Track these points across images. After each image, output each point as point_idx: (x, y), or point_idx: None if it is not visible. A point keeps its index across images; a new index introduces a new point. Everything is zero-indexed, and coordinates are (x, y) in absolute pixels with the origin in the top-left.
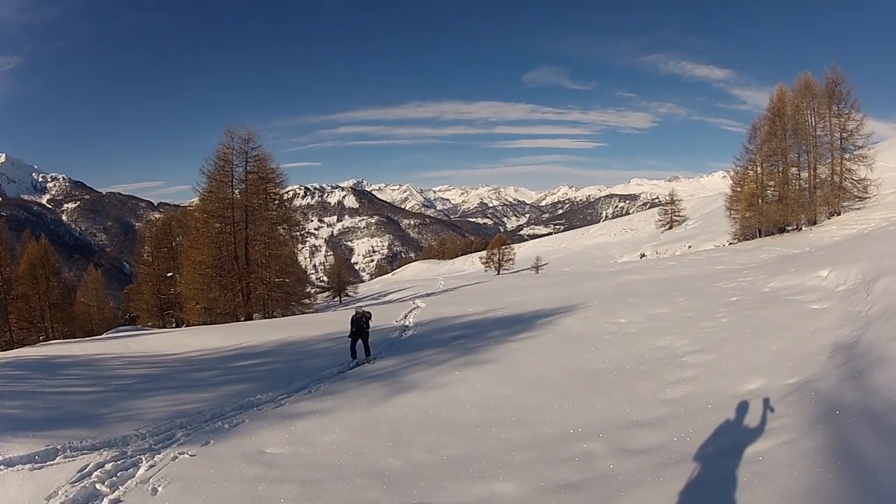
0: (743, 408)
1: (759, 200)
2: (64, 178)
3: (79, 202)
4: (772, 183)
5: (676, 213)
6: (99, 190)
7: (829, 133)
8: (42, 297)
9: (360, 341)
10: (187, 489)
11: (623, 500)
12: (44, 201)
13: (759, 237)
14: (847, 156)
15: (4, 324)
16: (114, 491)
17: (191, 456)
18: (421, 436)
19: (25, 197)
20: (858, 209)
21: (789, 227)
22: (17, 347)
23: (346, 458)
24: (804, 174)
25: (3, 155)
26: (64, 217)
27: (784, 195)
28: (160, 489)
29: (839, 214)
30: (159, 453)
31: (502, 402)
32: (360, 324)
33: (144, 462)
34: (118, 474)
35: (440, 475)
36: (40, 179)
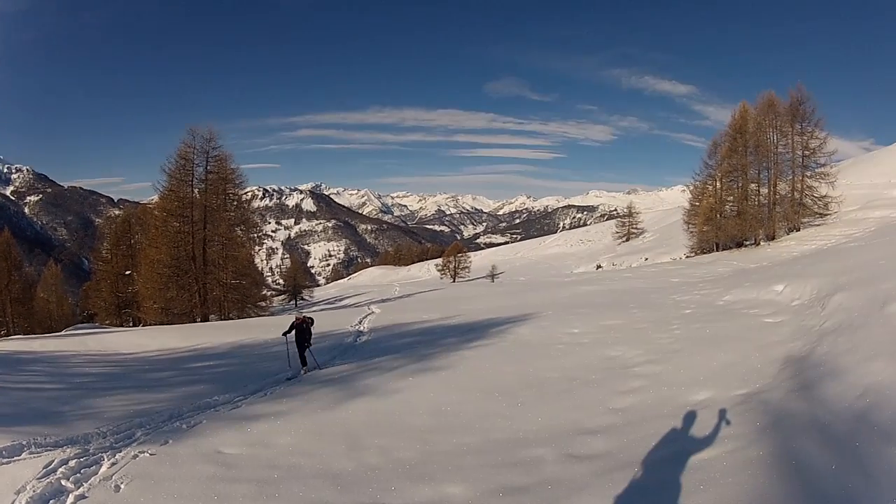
0: (690, 417)
1: (718, 215)
2: (28, 170)
3: (41, 195)
4: (731, 198)
5: (634, 226)
6: (61, 183)
7: (791, 150)
8: (4, 292)
9: (301, 348)
10: (148, 487)
11: (570, 503)
12: (7, 193)
13: (717, 251)
14: (809, 173)
15: None
16: (78, 487)
17: (151, 455)
18: (374, 439)
19: None
20: (818, 225)
21: (747, 242)
22: None
23: (301, 459)
24: (764, 190)
25: None
26: (26, 210)
27: (743, 210)
28: (122, 486)
29: (798, 230)
30: (120, 451)
31: (454, 409)
32: (303, 328)
33: (106, 460)
34: (82, 471)
35: (392, 477)
36: (5, 170)
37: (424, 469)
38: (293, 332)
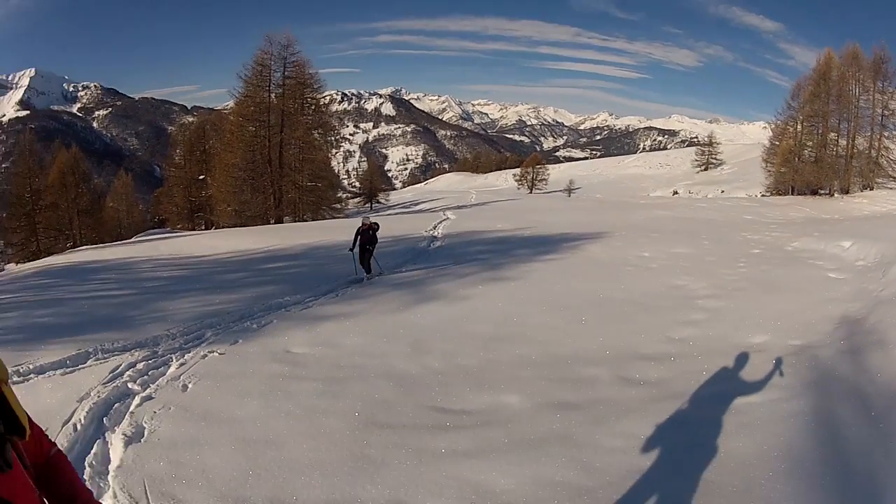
0: (743, 359)
1: (796, 158)
2: (96, 86)
3: (110, 108)
4: (810, 143)
5: (713, 156)
6: (132, 96)
7: (872, 107)
8: (71, 205)
9: (364, 253)
10: (216, 385)
11: (615, 424)
12: (74, 110)
13: (792, 195)
14: (886, 133)
15: (31, 234)
16: (145, 389)
17: (220, 354)
18: (439, 344)
19: (55, 107)
20: (892, 189)
21: (822, 191)
22: (44, 256)
23: (367, 360)
24: (842, 142)
25: (33, 69)
26: (95, 124)
27: (820, 158)
28: (190, 385)
29: (871, 189)
30: (189, 352)
31: (519, 320)
32: (368, 236)
33: (175, 361)
34: (149, 373)
35: (454, 382)
36: (70, 89)
37: (484, 377)
38: (358, 239)
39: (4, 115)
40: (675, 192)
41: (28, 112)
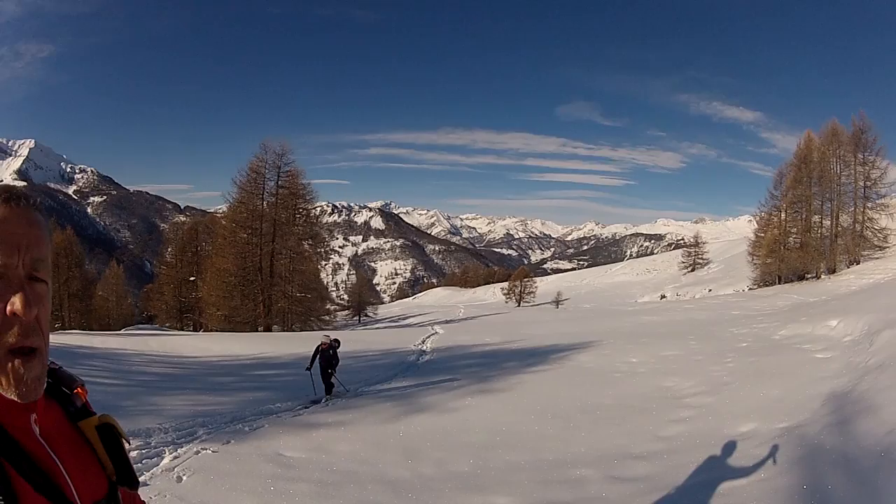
0: (731, 447)
1: (781, 247)
2: (92, 171)
3: (105, 196)
4: (794, 230)
5: (700, 256)
6: (126, 187)
7: (854, 181)
8: (62, 287)
9: (325, 374)
10: (210, 479)
11: None
12: (70, 192)
13: (779, 284)
14: (869, 204)
15: None
16: (140, 475)
17: (213, 452)
18: (431, 452)
19: (52, 185)
20: (878, 258)
21: (809, 275)
22: None
23: (360, 466)
24: (826, 222)
25: (33, 141)
26: (89, 210)
27: (805, 242)
28: (185, 477)
29: (858, 263)
30: (182, 447)
31: (509, 429)
32: (328, 356)
33: (168, 453)
34: (143, 461)
35: (445, 487)
36: (68, 170)
37: (476, 481)
38: (316, 358)
39: (2, 180)
40: (663, 296)
41: (25, 184)
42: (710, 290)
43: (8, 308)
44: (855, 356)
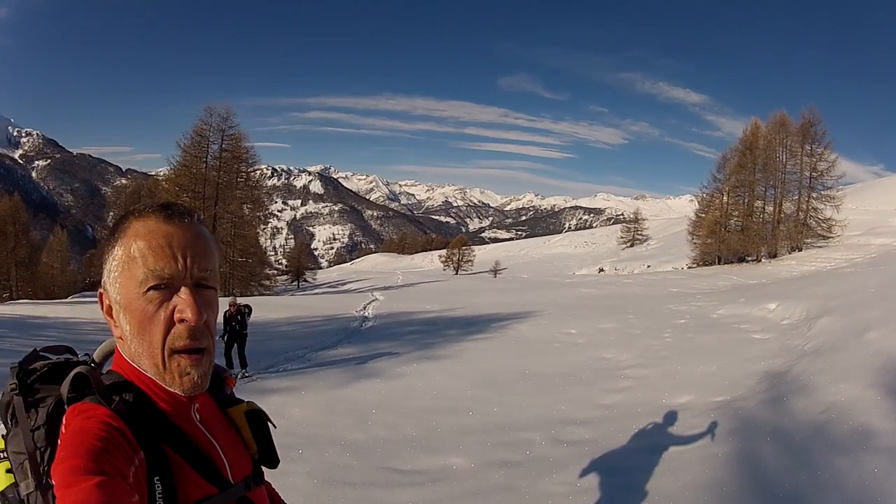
0: (669, 417)
1: (722, 229)
2: (38, 135)
3: (50, 160)
4: (736, 213)
5: (639, 232)
6: (70, 150)
7: (800, 170)
8: (9, 255)
9: (229, 345)
10: None
11: (553, 475)
12: (16, 156)
13: (718, 264)
14: (815, 194)
15: None
16: None
17: None
18: (382, 416)
19: None
20: (821, 247)
21: (749, 258)
22: None
23: (317, 430)
24: (769, 208)
25: None
26: (34, 174)
27: (747, 226)
28: None
29: (800, 250)
30: None
31: (455, 394)
32: (234, 322)
33: None
34: None
35: (401, 449)
36: (15, 133)
37: (429, 444)
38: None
39: None
40: (601, 270)
41: None
42: (648, 266)
43: (177, 315)
44: (792, 339)
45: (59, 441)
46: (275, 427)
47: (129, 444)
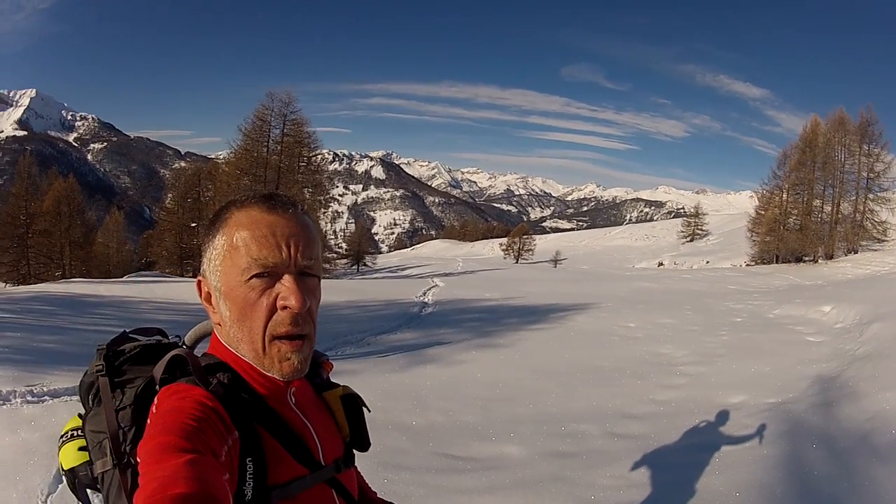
0: (722, 415)
1: (781, 227)
2: (93, 119)
3: (106, 143)
4: (795, 211)
5: (699, 227)
6: (127, 133)
7: (857, 170)
8: (64, 235)
9: None
10: None
11: (606, 468)
12: (71, 139)
13: (776, 263)
14: (871, 196)
15: (22, 257)
16: None
17: None
18: (439, 403)
19: (52, 133)
20: (876, 251)
21: (806, 258)
22: (33, 282)
23: (376, 413)
24: (827, 207)
25: (34, 90)
26: (89, 157)
27: (805, 225)
28: None
29: (856, 253)
30: None
31: (512, 384)
32: None
33: None
34: None
35: (457, 435)
36: (69, 117)
37: (485, 431)
38: None
39: (2, 132)
40: (661, 264)
41: (25, 133)
42: (707, 262)
43: (280, 302)
44: (844, 343)
45: (148, 420)
46: (369, 411)
47: (224, 423)
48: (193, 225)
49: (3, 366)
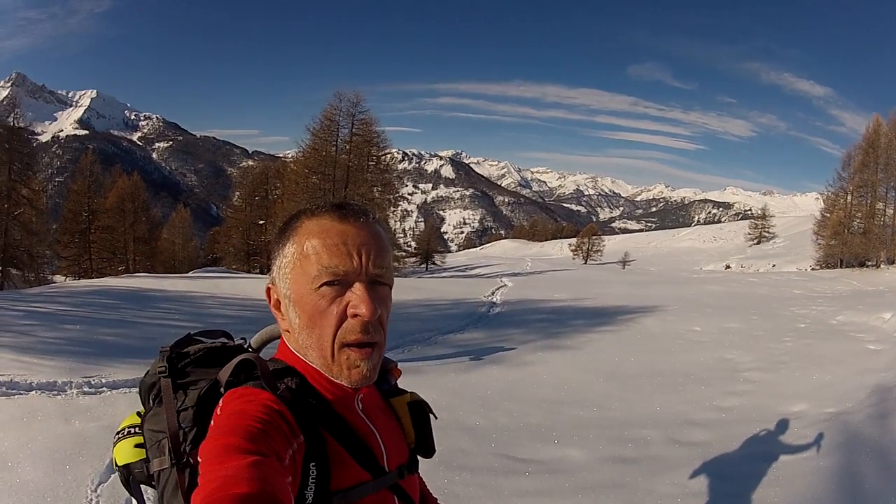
0: (782, 425)
1: (846, 230)
2: (158, 118)
3: (171, 142)
4: (859, 214)
5: (766, 229)
6: (193, 133)
7: None
8: (128, 231)
9: None
10: None
11: (665, 476)
12: (135, 138)
13: (840, 267)
14: None
15: (84, 252)
16: None
17: None
18: (504, 403)
19: (115, 132)
20: None
21: (869, 263)
22: (96, 276)
23: (440, 413)
24: (889, 211)
25: (95, 91)
26: (154, 155)
27: (868, 229)
28: None
29: None
30: None
31: (578, 386)
32: None
33: None
34: None
35: (520, 437)
36: (132, 117)
37: (548, 433)
38: None
39: (62, 131)
40: (728, 267)
41: (87, 132)
42: (773, 266)
43: (350, 310)
44: None
45: (212, 422)
46: (436, 418)
47: (290, 427)
48: (261, 222)
49: (60, 357)
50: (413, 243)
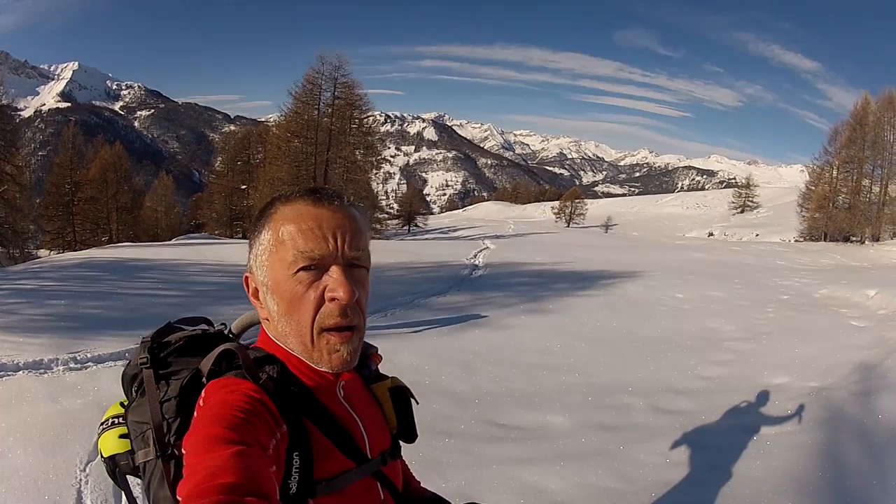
0: (764, 397)
1: (830, 204)
2: (139, 87)
3: (153, 110)
4: (844, 189)
5: (750, 199)
6: (175, 99)
7: None
8: (110, 201)
9: None
10: None
11: (647, 444)
12: (116, 108)
13: (824, 241)
14: None
15: (68, 224)
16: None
17: None
18: (487, 367)
19: (97, 103)
20: None
21: (853, 238)
22: (80, 248)
23: (423, 377)
24: (875, 188)
25: (76, 63)
26: (136, 124)
27: (853, 205)
28: None
29: None
30: None
31: (561, 351)
32: None
33: None
34: None
35: (504, 402)
36: (114, 87)
37: (532, 399)
38: None
39: (45, 105)
40: (711, 234)
41: (69, 105)
42: (757, 235)
43: (328, 294)
44: (887, 332)
45: (195, 413)
46: (417, 403)
47: (273, 417)
48: (244, 187)
49: (45, 334)
50: (395, 205)
